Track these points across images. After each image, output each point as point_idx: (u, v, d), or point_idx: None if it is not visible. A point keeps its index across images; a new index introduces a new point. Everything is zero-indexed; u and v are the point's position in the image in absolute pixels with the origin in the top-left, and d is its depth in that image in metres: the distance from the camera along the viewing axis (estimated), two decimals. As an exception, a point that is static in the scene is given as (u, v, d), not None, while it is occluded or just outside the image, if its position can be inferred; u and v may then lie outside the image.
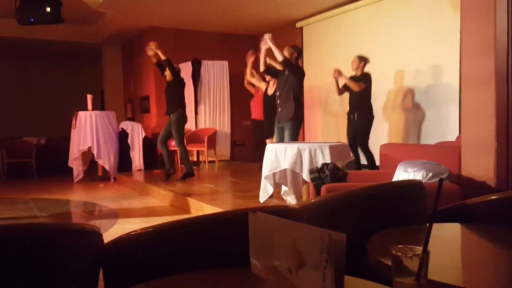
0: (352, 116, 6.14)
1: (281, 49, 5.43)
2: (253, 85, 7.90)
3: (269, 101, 6.64)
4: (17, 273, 1.19)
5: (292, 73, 5.40)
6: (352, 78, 6.06)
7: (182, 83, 6.91)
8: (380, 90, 6.93)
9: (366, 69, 6.08)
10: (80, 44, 11.40)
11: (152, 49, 6.69)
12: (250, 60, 7.03)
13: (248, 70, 7.36)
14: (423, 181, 2.88)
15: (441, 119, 6.39)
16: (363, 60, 6.07)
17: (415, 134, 6.81)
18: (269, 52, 5.51)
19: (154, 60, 6.85)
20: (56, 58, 13.20)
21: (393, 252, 0.83)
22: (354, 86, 5.96)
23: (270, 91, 6.80)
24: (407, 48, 6.87)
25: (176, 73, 6.77)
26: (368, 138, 6.07)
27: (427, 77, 6.59)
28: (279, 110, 5.53)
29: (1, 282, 1.16)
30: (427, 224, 0.89)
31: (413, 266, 0.82)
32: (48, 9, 7.88)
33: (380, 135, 6.82)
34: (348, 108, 6.26)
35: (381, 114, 7.07)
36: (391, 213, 1.71)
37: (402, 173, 3.20)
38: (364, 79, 6.00)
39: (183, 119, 6.82)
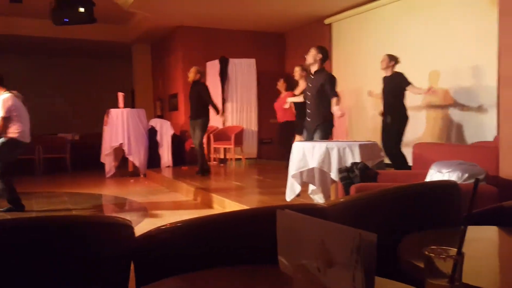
0: (386, 118, 5.97)
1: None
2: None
3: (299, 103, 6.60)
4: (52, 263, 1.22)
5: (324, 81, 5.23)
6: (384, 78, 5.93)
7: (205, 89, 7.13)
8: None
9: (398, 69, 5.93)
10: (112, 43, 11.63)
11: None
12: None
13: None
14: (458, 182, 2.81)
15: (478, 119, 6.21)
16: (393, 59, 5.87)
17: (450, 134, 6.64)
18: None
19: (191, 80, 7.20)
20: (89, 57, 13.50)
21: (426, 253, 0.81)
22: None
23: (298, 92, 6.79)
24: (442, 46, 6.70)
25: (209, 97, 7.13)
26: (401, 140, 5.87)
27: (463, 76, 6.42)
28: (309, 112, 5.41)
29: (38, 271, 1.20)
30: (462, 226, 0.87)
31: (447, 268, 0.79)
32: (82, 10, 8.07)
33: (415, 136, 6.67)
34: (381, 108, 6.10)
35: (415, 115, 6.93)
36: (424, 214, 1.67)
37: (436, 174, 3.12)
38: (396, 79, 5.84)
39: (206, 124, 7.14)
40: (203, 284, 1.16)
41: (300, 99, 6.13)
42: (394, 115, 5.86)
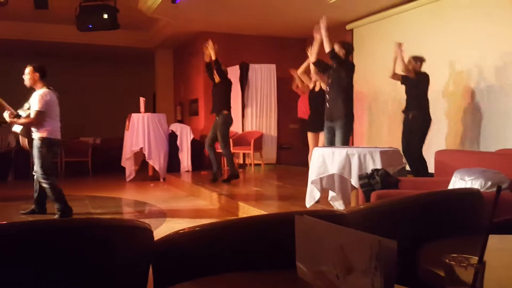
0: (407, 117, 5.86)
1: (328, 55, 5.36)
2: (302, 83, 7.89)
3: (314, 98, 6.58)
4: (72, 265, 1.24)
5: (341, 68, 5.28)
6: (407, 79, 5.87)
7: (229, 84, 7.01)
8: (436, 93, 6.71)
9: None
10: (135, 49, 11.79)
11: (207, 47, 6.83)
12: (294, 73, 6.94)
13: (301, 70, 7.31)
14: (481, 190, 2.75)
15: (503, 124, 6.08)
16: (418, 60, 5.81)
17: (473, 140, 6.52)
18: (321, 46, 5.43)
19: (207, 59, 6.96)
20: (112, 62, 13.71)
21: (447, 260, 0.80)
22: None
23: (317, 88, 6.74)
24: (465, 51, 6.60)
25: (223, 73, 6.87)
26: (423, 142, 5.76)
27: (487, 79, 6.31)
28: (328, 106, 5.40)
29: (58, 273, 1.21)
30: (484, 235, 0.85)
31: (468, 277, 0.78)
32: (105, 16, 8.23)
33: (436, 140, 6.56)
34: (404, 108, 6.01)
35: (437, 119, 6.84)
36: (446, 222, 1.64)
37: (459, 181, 3.07)
38: (421, 80, 5.75)
39: (228, 121, 6.90)
40: (221, 289, 1.16)
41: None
42: (417, 115, 5.75)
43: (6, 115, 4.82)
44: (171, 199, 6.51)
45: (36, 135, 4.81)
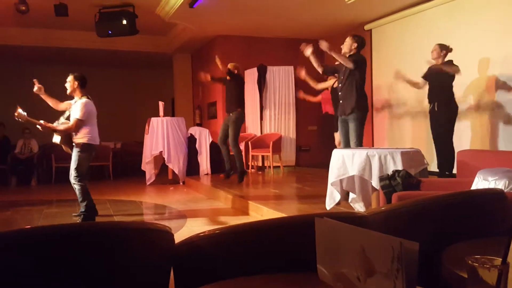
0: (433, 107, 5.70)
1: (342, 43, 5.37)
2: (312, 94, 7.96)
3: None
4: (95, 268, 1.26)
5: (356, 66, 5.27)
6: (429, 70, 5.76)
7: (240, 82, 7.06)
8: (458, 92, 6.62)
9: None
10: (153, 53, 11.92)
11: (217, 62, 7.06)
12: (302, 74, 6.92)
13: (310, 82, 7.34)
14: (505, 190, 2.70)
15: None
16: (444, 48, 5.66)
17: (496, 140, 6.40)
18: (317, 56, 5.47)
19: (225, 71, 7.10)
20: (131, 67, 13.89)
21: (469, 262, 0.79)
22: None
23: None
24: (486, 50, 6.50)
25: (231, 73, 6.96)
26: (452, 131, 5.62)
27: (510, 78, 6.19)
28: (341, 102, 5.40)
29: (81, 275, 1.23)
30: (508, 236, 0.83)
31: (491, 279, 0.76)
32: (124, 22, 8.34)
33: (459, 138, 6.45)
34: (427, 98, 5.89)
35: (460, 118, 6.74)
36: (469, 223, 1.62)
37: (482, 182, 3.01)
38: (447, 66, 5.59)
39: (241, 119, 6.98)
40: (242, 291, 1.16)
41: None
42: (444, 105, 5.62)
43: (39, 127, 4.98)
44: (190, 202, 6.55)
45: (79, 140, 5.04)
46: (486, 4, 6.53)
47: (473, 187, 3.09)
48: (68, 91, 5.18)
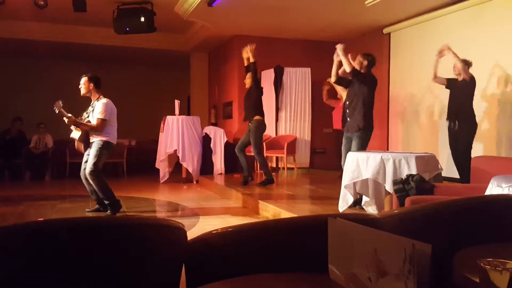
0: (452, 124, 5.70)
1: (356, 56, 5.33)
2: (334, 98, 7.92)
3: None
4: (109, 261, 1.28)
5: (362, 83, 5.25)
6: (454, 82, 5.70)
7: (260, 91, 6.99)
8: (477, 97, 6.54)
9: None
10: (171, 51, 11.98)
11: (247, 51, 6.84)
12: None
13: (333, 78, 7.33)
14: (519, 197, 2.66)
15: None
16: (466, 64, 5.62)
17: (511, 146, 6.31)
18: (341, 64, 5.42)
19: (246, 63, 7.00)
20: (148, 65, 13.99)
21: (482, 265, 0.78)
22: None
23: None
24: (506, 56, 6.40)
25: (256, 79, 6.89)
26: (471, 147, 5.57)
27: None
28: (348, 120, 5.41)
29: (95, 267, 1.25)
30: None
31: (503, 282, 0.76)
32: (142, 19, 8.39)
33: (474, 147, 6.38)
34: (447, 114, 5.84)
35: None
36: (481, 229, 1.60)
37: (496, 188, 2.98)
38: (470, 84, 5.57)
39: (262, 127, 6.87)
40: (253, 289, 1.17)
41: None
42: (463, 121, 5.60)
43: (66, 120, 5.11)
44: (204, 200, 6.57)
45: (99, 137, 5.18)
46: (509, 11, 6.43)
47: (487, 193, 3.06)
48: (82, 93, 5.29)
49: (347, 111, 5.40)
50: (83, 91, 5.28)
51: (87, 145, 5.25)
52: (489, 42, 6.66)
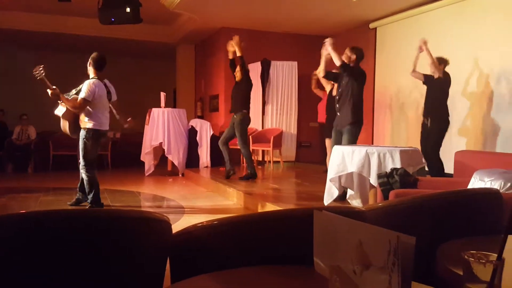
0: (425, 120, 5.85)
1: (343, 51, 5.33)
2: (321, 89, 7.92)
3: (332, 102, 6.57)
4: (91, 255, 1.26)
5: (352, 77, 5.27)
6: (431, 79, 5.80)
7: (250, 84, 6.96)
8: (458, 93, 6.62)
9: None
10: (157, 43, 11.88)
11: (232, 44, 6.77)
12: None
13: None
14: (501, 191, 2.71)
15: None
16: (442, 62, 5.75)
17: (493, 140, 6.42)
18: (330, 57, 5.43)
19: (231, 56, 6.94)
20: (133, 56, 13.86)
21: (466, 257, 0.79)
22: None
23: (335, 92, 6.72)
24: (489, 52, 6.49)
25: (246, 72, 6.85)
26: (440, 145, 5.75)
27: (510, 80, 6.19)
28: (338, 114, 5.43)
29: (78, 262, 1.24)
30: (503, 235, 0.84)
31: (486, 274, 0.77)
32: (128, 10, 8.27)
33: (456, 141, 6.48)
34: (423, 110, 6.00)
35: (458, 118, 6.75)
36: (464, 222, 1.63)
37: (478, 182, 3.03)
38: (445, 81, 5.70)
39: (246, 120, 6.85)
40: (238, 282, 1.17)
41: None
42: (436, 119, 5.72)
43: (49, 91, 4.76)
44: (189, 194, 6.56)
45: (83, 124, 4.83)
46: (493, 6, 6.50)
47: (470, 187, 3.11)
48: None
49: (337, 105, 5.42)
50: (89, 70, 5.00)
51: (75, 127, 4.88)
52: (471, 37, 6.74)
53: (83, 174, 4.92)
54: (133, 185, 7.32)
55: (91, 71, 5.02)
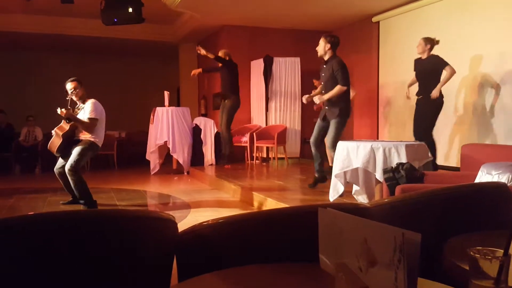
0: (420, 99, 5.87)
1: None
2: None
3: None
4: (99, 255, 1.27)
5: (329, 66, 5.24)
6: (418, 61, 5.84)
7: (231, 67, 7.12)
8: (459, 85, 6.59)
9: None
10: (159, 42, 11.90)
11: (201, 52, 7.24)
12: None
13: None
14: (509, 184, 2.69)
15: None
16: (429, 42, 5.76)
17: (491, 132, 6.39)
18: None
19: (211, 57, 7.27)
20: (137, 56, 13.87)
21: (472, 253, 0.79)
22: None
23: None
24: (492, 44, 6.45)
25: (220, 59, 7.02)
26: (433, 125, 5.73)
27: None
28: (326, 108, 5.43)
29: (85, 261, 1.24)
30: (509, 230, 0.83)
31: (492, 270, 0.76)
32: (130, 10, 8.28)
33: (450, 130, 6.45)
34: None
35: (457, 110, 6.72)
36: (471, 216, 1.62)
37: (485, 176, 3.01)
38: (432, 62, 5.73)
39: (236, 106, 7.07)
40: (245, 280, 1.17)
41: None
42: (428, 99, 5.70)
43: (58, 111, 5.02)
44: (195, 192, 6.57)
45: (85, 137, 5.12)
46: (495, 1, 6.46)
47: (477, 180, 3.09)
48: (75, 99, 5.23)
49: (323, 92, 5.44)
50: (75, 97, 5.21)
51: (65, 147, 5.08)
52: (473, 31, 6.71)
53: (71, 176, 5.00)
54: (139, 183, 7.34)
55: (81, 93, 5.23)
